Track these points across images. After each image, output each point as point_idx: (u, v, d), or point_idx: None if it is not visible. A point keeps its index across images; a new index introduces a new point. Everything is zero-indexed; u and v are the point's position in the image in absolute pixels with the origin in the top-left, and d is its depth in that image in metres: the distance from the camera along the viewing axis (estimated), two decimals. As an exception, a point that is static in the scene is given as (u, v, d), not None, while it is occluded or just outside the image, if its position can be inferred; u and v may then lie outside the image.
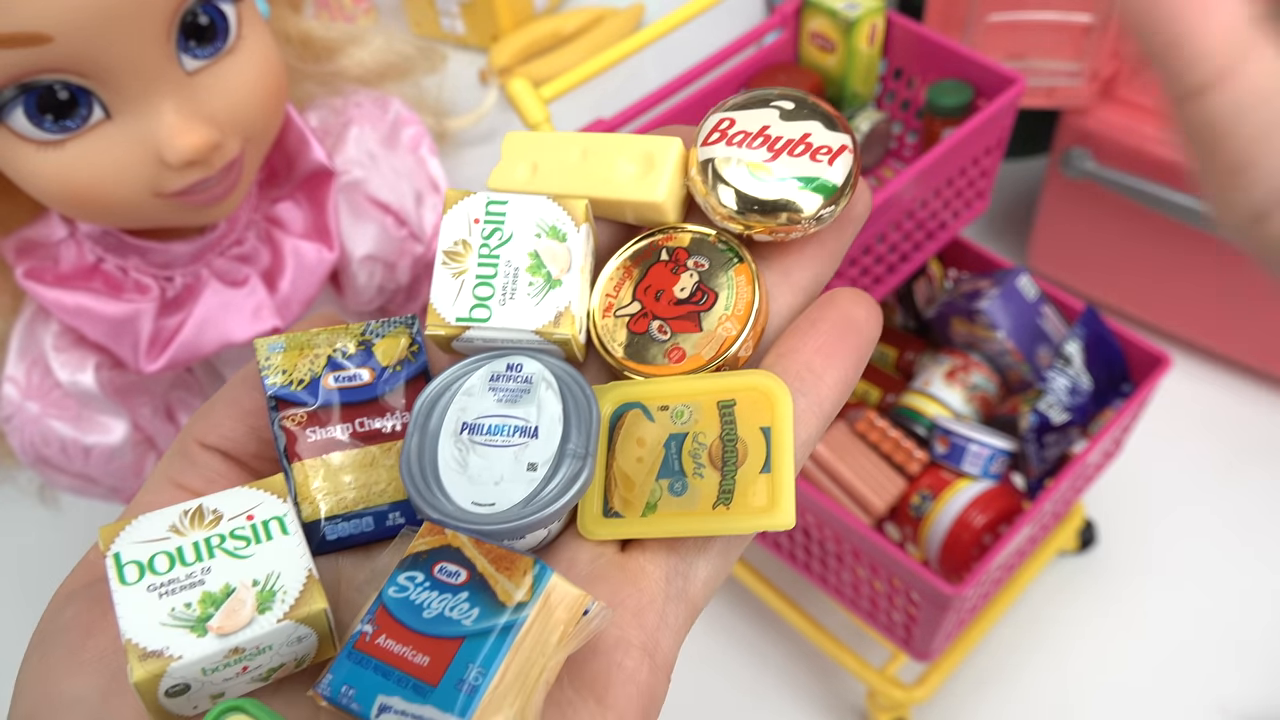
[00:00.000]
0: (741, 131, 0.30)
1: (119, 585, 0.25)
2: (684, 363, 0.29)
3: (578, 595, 0.24)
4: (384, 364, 0.30)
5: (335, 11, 0.94)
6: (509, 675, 0.23)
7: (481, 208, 0.29)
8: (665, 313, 0.29)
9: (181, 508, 0.26)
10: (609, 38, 0.94)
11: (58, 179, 0.52)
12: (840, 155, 0.29)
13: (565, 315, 0.28)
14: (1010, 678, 0.91)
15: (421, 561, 0.25)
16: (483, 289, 0.29)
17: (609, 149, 0.30)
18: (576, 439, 0.27)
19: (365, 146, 0.68)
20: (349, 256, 0.66)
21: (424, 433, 0.28)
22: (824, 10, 0.83)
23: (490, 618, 0.24)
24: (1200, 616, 0.93)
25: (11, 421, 0.62)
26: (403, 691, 0.23)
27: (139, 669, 0.23)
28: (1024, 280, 0.89)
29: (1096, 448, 0.79)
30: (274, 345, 0.29)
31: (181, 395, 0.68)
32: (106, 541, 0.26)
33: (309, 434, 0.29)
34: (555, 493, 0.27)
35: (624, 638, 0.26)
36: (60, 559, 1.07)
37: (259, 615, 0.25)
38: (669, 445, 0.28)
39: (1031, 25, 0.92)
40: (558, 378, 0.28)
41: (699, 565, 0.27)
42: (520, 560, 0.25)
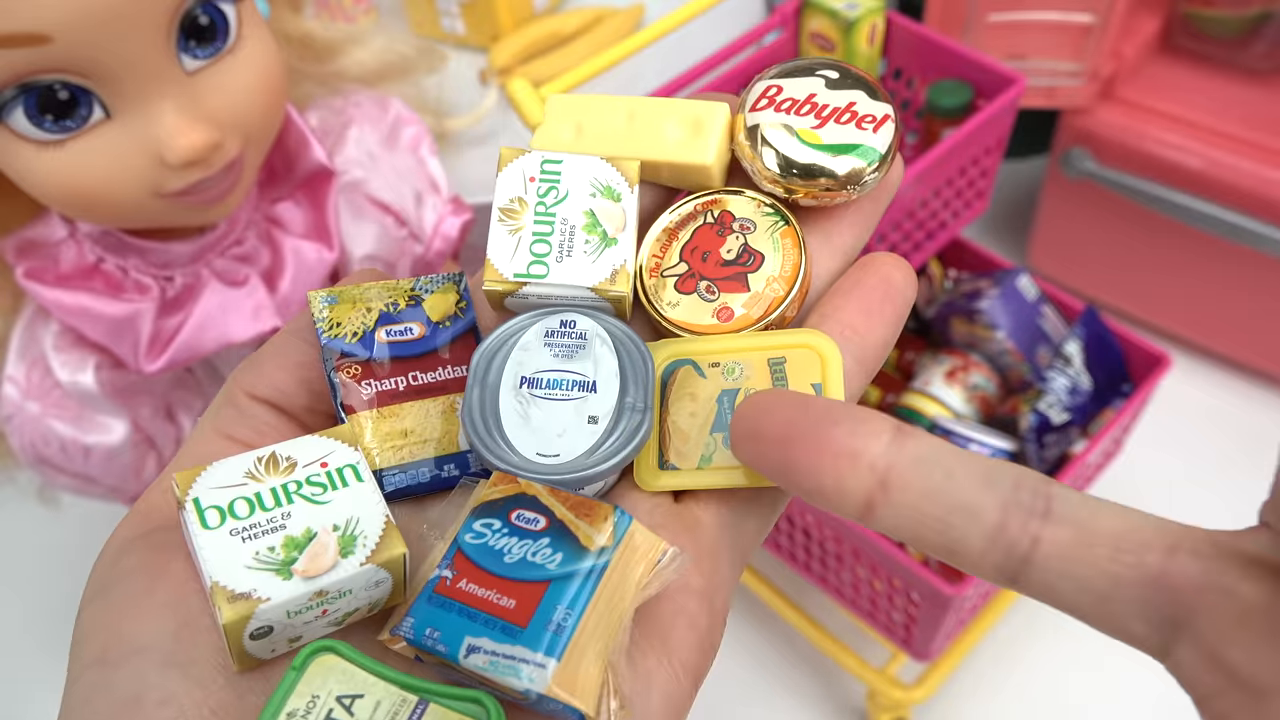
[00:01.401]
0: (789, 99, 0.30)
1: (201, 529, 0.25)
2: (732, 322, 0.30)
3: (655, 541, 0.25)
4: (434, 319, 0.31)
5: (335, 11, 0.94)
6: (594, 616, 0.24)
7: (536, 166, 0.30)
8: (712, 273, 0.30)
9: (255, 454, 0.27)
10: (609, 38, 0.94)
11: (58, 179, 0.52)
12: (883, 124, 0.30)
13: (620, 273, 0.29)
14: (1010, 678, 0.91)
15: (497, 509, 0.26)
16: (540, 246, 0.29)
17: (656, 112, 0.31)
18: (634, 393, 0.28)
19: (365, 146, 0.68)
20: (349, 256, 0.66)
21: (484, 386, 0.28)
22: (824, 10, 0.83)
23: (575, 561, 0.25)
24: (1200, 616, 0.93)
25: (12, 421, 0.62)
26: (491, 633, 0.24)
27: (228, 610, 0.24)
28: (1024, 280, 0.89)
29: (1096, 448, 0.79)
30: (327, 298, 0.30)
31: (181, 395, 0.68)
32: (184, 487, 0.26)
33: (363, 386, 0.29)
34: (618, 444, 0.27)
35: (686, 584, 0.26)
36: (60, 559, 1.08)
37: (342, 559, 0.25)
38: (721, 400, 0.29)
39: (1031, 25, 0.92)
40: (611, 334, 0.29)
41: (750, 516, 0.28)
42: (600, 507, 0.25)
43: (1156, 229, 0.99)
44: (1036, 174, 1.09)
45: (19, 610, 1.02)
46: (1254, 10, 0.93)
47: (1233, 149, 0.92)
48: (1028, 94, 0.92)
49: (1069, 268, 1.09)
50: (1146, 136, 0.95)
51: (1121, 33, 0.94)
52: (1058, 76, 0.95)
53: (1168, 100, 0.96)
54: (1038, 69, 0.94)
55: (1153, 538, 0.21)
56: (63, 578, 1.04)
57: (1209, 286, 1.01)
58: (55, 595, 1.03)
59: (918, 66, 0.85)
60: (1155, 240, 1.00)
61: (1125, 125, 0.95)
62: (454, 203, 0.72)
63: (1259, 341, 1.03)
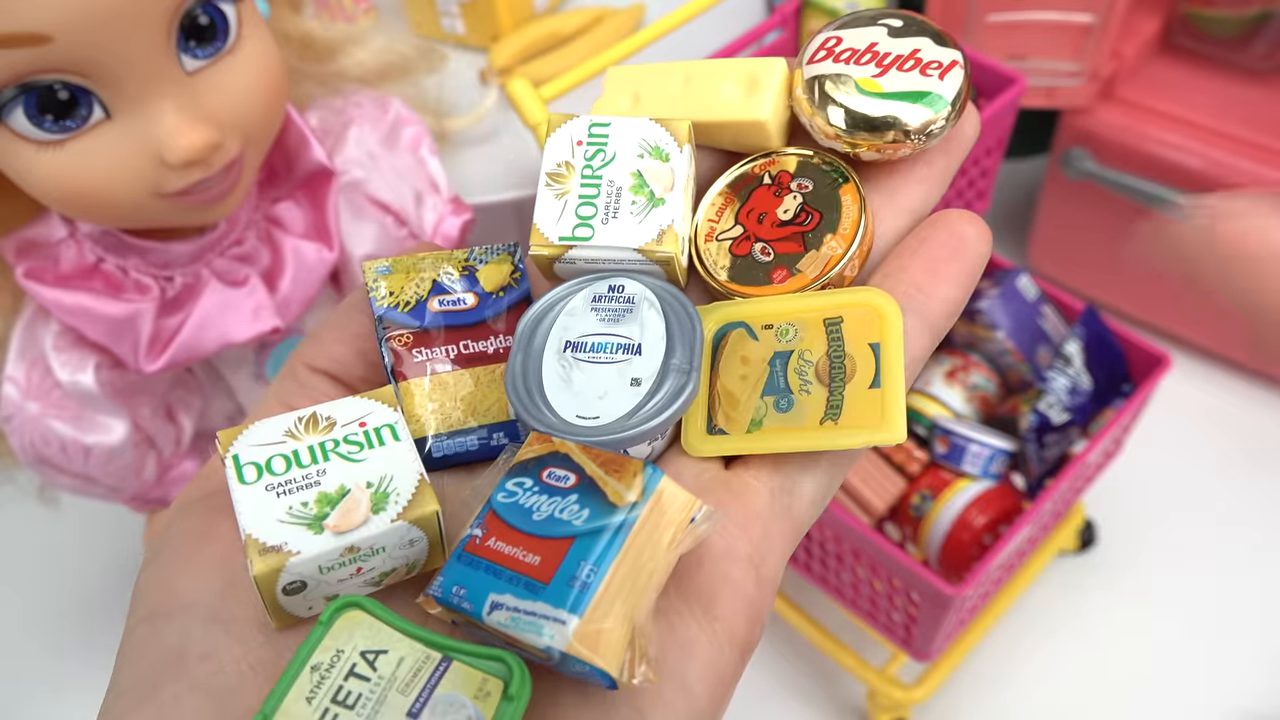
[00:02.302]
0: (849, 49, 0.29)
1: (238, 484, 0.25)
2: (788, 282, 0.28)
3: (687, 498, 0.24)
4: (488, 290, 0.30)
5: (335, 11, 0.94)
6: (620, 574, 0.23)
7: (584, 130, 0.29)
8: (768, 235, 0.29)
9: (296, 414, 0.27)
10: (609, 38, 0.94)
11: (58, 179, 0.52)
12: (951, 70, 0.28)
13: (668, 233, 0.28)
14: (1010, 678, 0.91)
15: (530, 468, 0.25)
16: (585, 208, 0.29)
17: (712, 73, 0.30)
18: (681, 354, 0.27)
19: (365, 146, 0.68)
20: (349, 256, 0.66)
21: (527, 351, 0.28)
22: (824, 10, 0.83)
23: (601, 517, 0.24)
24: (1200, 615, 0.93)
25: (11, 421, 0.62)
26: (514, 589, 0.23)
27: (259, 563, 0.24)
28: (1024, 280, 0.89)
29: (1096, 448, 0.79)
30: (381, 268, 0.30)
31: (181, 395, 0.68)
32: (225, 444, 0.26)
33: (415, 354, 0.29)
34: (660, 406, 0.27)
35: (731, 548, 0.25)
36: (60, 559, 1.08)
37: (373, 515, 0.25)
38: (774, 363, 0.28)
39: (1031, 25, 0.92)
40: (659, 297, 0.28)
41: (804, 482, 0.27)
42: (630, 463, 0.25)
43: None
44: (1036, 174, 1.09)
45: (19, 610, 1.02)
46: (1254, 10, 0.93)
47: (1233, 149, 0.92)
48: (1028, 94, 0.91)
49: (1069, 268, 1.09)
50: (1146, 136, 0.95)
51: (1121, 33, 0.94)
52: (1058, 76, 0.95)
53: (1168, 100, 0.96)
54: (1038, 69, 0.94)
55: None
56: (63, 578, 1.04)
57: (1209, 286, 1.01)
58: (55, 595, 1.03)
59: (918, 66, 0.85)
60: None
61: (1125, 125, 0.95)
62: (454, 203, 0.71)
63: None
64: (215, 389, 0.70)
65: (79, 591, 1.03)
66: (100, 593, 1.03)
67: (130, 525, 0.99)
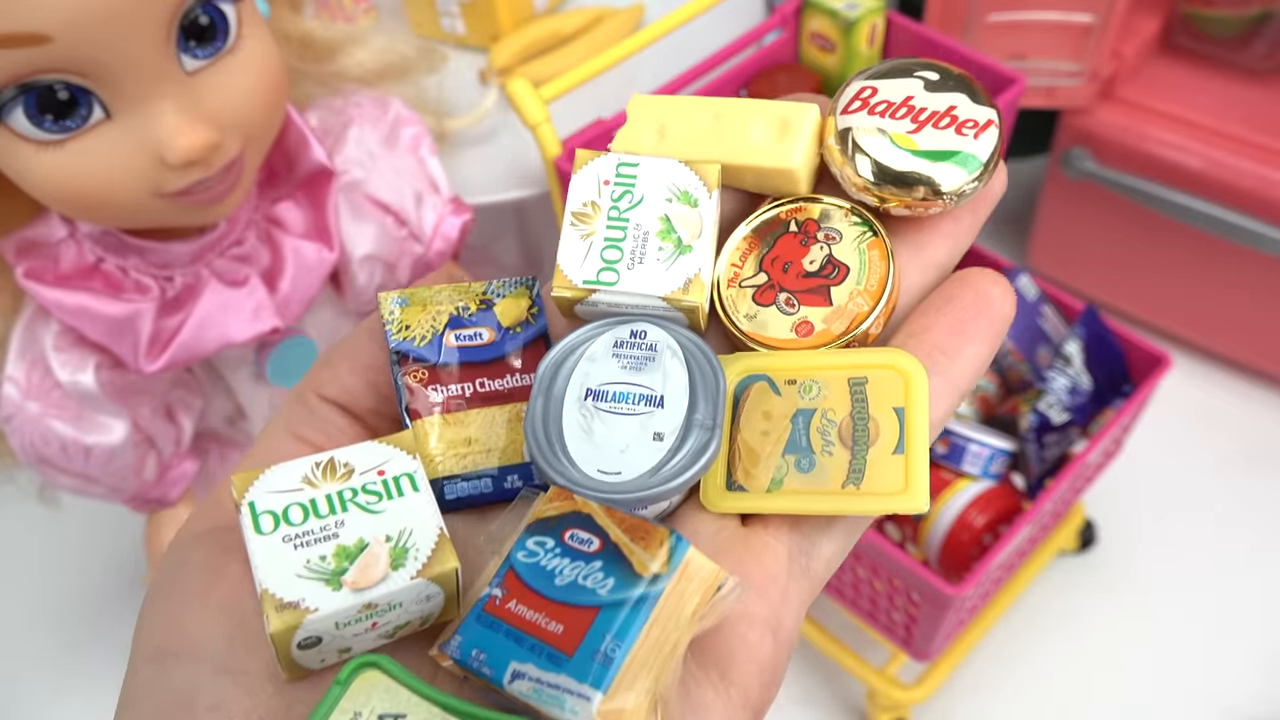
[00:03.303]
0: (885, 101, 0.28)
1: (254, 535, 0.25)
2: (812, 337, 0.28)
3: (713, 570, 0.24)
4: (504, 324, 0.30)
5: (335, 11, 0.94)
6: (644, 648, 0.23)
7: (612, 169, 0.29)
8: (793, 285, 0.29)
9: (313, 459, 0.26)
10: (609, 38, 0.94)
11: (58, 179, 0.52)
12: (986, 129, 0.28)
13: (695, 282, 0.28)
14: (1010, 678, 0.91)
15: (551, 527, 0.25)
16: (611, 252, 0.28)
17: (742, 113, 0.29)
18: (704, 409, 0.27)
19: (365, 146, 0.68)
20: (349, 256, 0.66)
21: (548, 397, 0.27)
22: (824, 10, 0.83)
23: (626, 588, 0.23)
24: (1200, 615, 0.93)
25: (12, 421, 0.62)
26: (536, 659, 0.23)
27: (276, 620, 0.23)
28: (1024, 280, 0.89)
29: (1096, 448, 0.79)
30: (398, 300, 0.29)
31: (181, 395, 0.68)
32: (241, 490, 0.25)
33: (430, 391, 0.28)
34: (683, 464, 0.26)
35: (748, 612, 0.25)
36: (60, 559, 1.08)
37: (392, 572, 0.24)
38: (796, 420, 0.27)
39: (1031, 25, 0.92)
40: (682, 346, 0.28)
41: (822, 544, 0.27)
42: (655, 531, 0.24)
43: (1156, 229, 0.99)
44: (1036, 174, 1.09)
45: (20, 610, 1.02)
46: (1254, 10, 0.93)
47: (1233, 149, 0.92)
48: (1028, 94, 0.92)
49: (1069, 268, 1.09)
50: (1146, 136, 0.95)
51: (1121, 33, 0.94)
52: (1058, 76, 0.95)
53: (1168, 100, 0.96)
54: (1038, 69, 0.94)
55: None
56: (63, 578, 1.04)
57: (1209, 286, 1.01)
58: (56, 595, 1.03)
59: (918, 66, 0.85)
60: (1155, 240, 1.00)
61: (1125, 125, 0.95)
62: (454, 203, 0.71)
63: (1259, 341, 1.03)
64: (215, 389, 0.70)
65: (79, 592, 1.03)
66: (100, 593, 1.03)
67: (130, 525, 0.99)
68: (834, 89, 0.87)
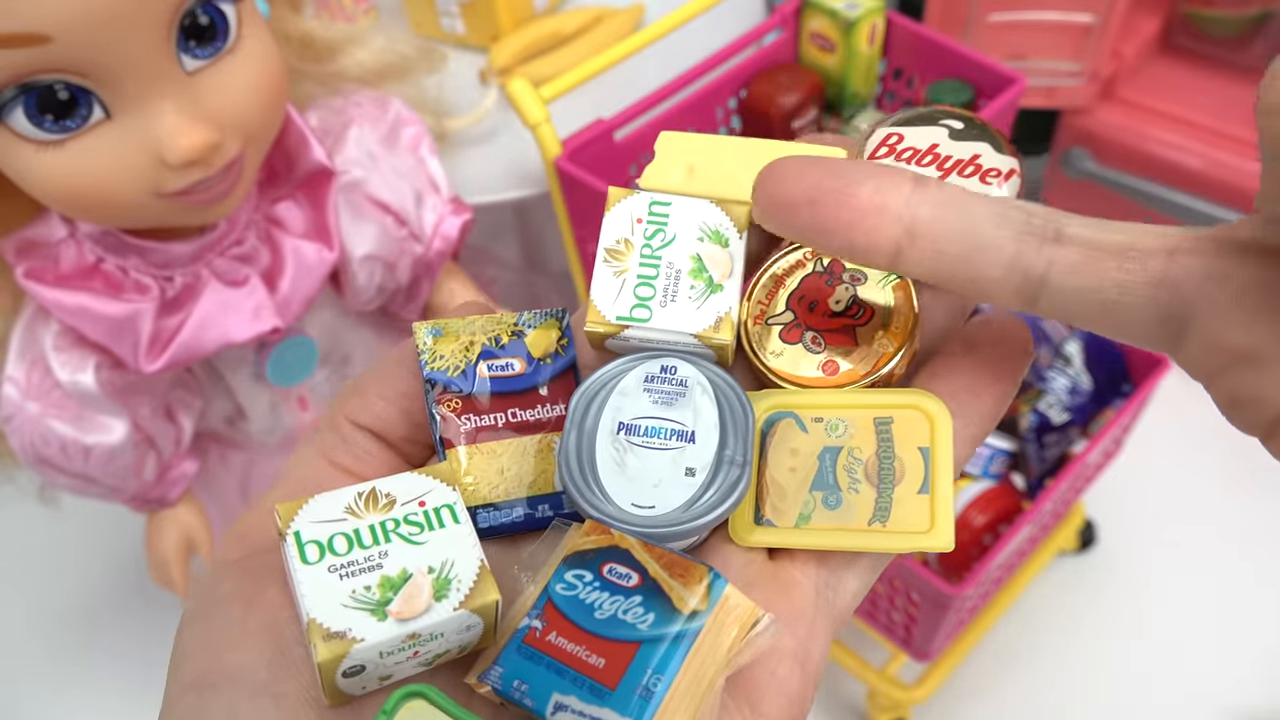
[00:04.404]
0: (910, 148, 0.29)
1: (301, 564, 0.25)
2: (838, 376, 0.29)
3: (750, 608, 0.25)
4: (535, 355, 0.30)
5: (335, 11, 0.94)
6: (684, 682, 0.24)
7: (645, 207, 0.30)
8: (819, 324, 0.29)
9: (355, 490, 0.27)
10: (609, 38, 0.94)
11: (58, 179, 0.52)
12: (1010, 179, 0.29)
13: (725, 320, 0.28)
14: (1010, 678, 0.91)
15: (588, 560, 0.26)
16: (644, 289, 0.29)
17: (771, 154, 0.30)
18: (734, 446, 0.27)
19: (365, 146, 0.68)
20: (349, 256, 0.66)
21: (581, 430, 0.28)
22: (824, 10, 0.83)
23: (666, 624, 0.24)
24: (1200, 615, 0.93)
25: (11, 421, 0.62)
26: (579, 691, 0.24)
27: (323, 649, 0.24)
28: (1024, 280, 0.89)
29: (1096, 448, 0.79)
30: (432, 330, 0.30)
31: (181, 395, 0.68)
32: (285, 519, 0.26)
33: (463, 421, 0.29)
34: (715, 500, 0.27)
35: (778, 646, 0.26)
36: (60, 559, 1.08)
37: (435, 603, 0.25)
38: (823, 458, 0.28)
39: (1031, 25, 0.92)
40: (712, 382, 0.28)
41: (848, 579, 0.28)
42: (694, 568, 0.25)
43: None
44: (1036, 174, 1.09)
45: (20, 610, 1.02)
46: (1254, 10, 0.93)
47: (1233, 149, 0.92)
48: (1028, 94, 0.91)
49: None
50: (1146, 136, 0.95)
51: (1121, 33, 0.94)
52: (1058, 76, 0.95)
53: (1168, 100, 0.96)
54: (1038, 69, 0.94)
55: (1154, 244, 0.22)
56: (63, 578, 1.04)
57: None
58: (57, 595, 1.03)
59: (918, 66, 0.85)
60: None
61: (1125, 125, 0.95)
62: (454, 203, 0.72)
63: (1259, 341, 1.03)
64: (215, 389, 0.70)
65: (79, 592, 1.03)
66: (101, 593, 1.03)
67: (130, 525, 0.99)
68: (834, 89, 0.87)
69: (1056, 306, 0.23)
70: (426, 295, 0.73)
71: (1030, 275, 0.23)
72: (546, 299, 1.04)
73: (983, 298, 0.24)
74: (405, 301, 0.74)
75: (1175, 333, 0.22)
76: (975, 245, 0.23)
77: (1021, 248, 0.23)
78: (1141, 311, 0.22)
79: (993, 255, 0.23)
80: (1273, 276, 0.21)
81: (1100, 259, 0.22)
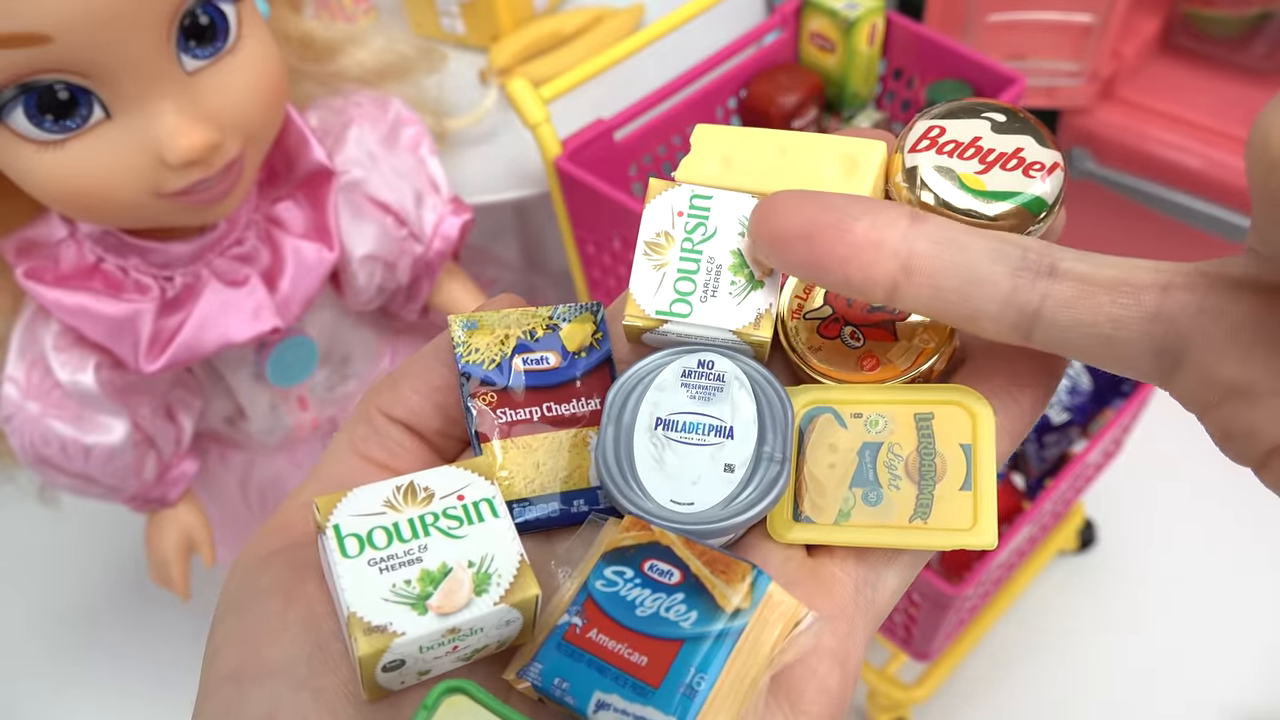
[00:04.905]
0: (953, 141, 0.29)
1: (340, 558, 0.25)
2: (877, 371, 0.29)
3: (794, 605, 0.24)
4: (570, 349, 0.30)
5: (335, 11, 0.94)
6: (728, 681, 0.23)
7: (685, 201, 0.29)
8: (858, 319, 0.29)
9: (394, 483, 0.26)
10: (609, 38, 0.94)
11: (58, 179, 0.52)
12: (1053, 172, 0.28)
13: (765, 317, 0.28)
14: (1010, 678, 0.91)
15: (628, 556, 0.25)
16: (684, 284, 0.28)
17: (809, 148, 0.29)
18: (773, 442, 0.27)
19: (365, 146, 0.68)
20: (349, 256, 0.66)
21: (619, 425, 0.28)
22: (824, 10, 0.83)
23: (709, 622, 0.24)
24: (1200, 615, 0.93)
25: (12, 421, 0.62)
26: (621, 690, 0.23)
27: (364, 643, 0.24)
28: (1024, 280, 0.89)
29: (1096, 448, 0.79)
30: (466, 323, 0.30)
31: (181, 395, 0.68)
32: (325, 513, 0.26)
33: (498, 414, 0.29)
34: (754, 496, 0.27)
35: (819, 644, 0.26)
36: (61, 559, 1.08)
37: (476, 597, 0.25)
38: (863, 454, 0.28)
39: (1031, 25, 0.92)
40: (750, 377, 0.28)
41: (887, 577, 0.27)
42: (737, 565, 0.25)
43: (1156, 229, 0.99)
44: (1036, 174, 1.09)
45: (20, 610, 1.02)
46: (1254, 10, 0.93)
47: (1233, 149, 0.92)
48: (1028, 94, 0.92)
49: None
50: (1146, 136, 0.95)
51: (1121, 33, 0.94)
52: (1058, 76, 0.95)
53: (1168, 100, 0.96)
54: (1038, 69, 0.94)
55: (1148, 279, 0.22)
56: (63, 578, 1.04)
57: (1209, 286, 1.01)
58: (57, 595, 1.03)
59: (918, 66, 0.85)
60: (1155, 240, 1.00)
61: (1125, 125, 0.95)
62: (454, 203, 0.72)
63: (1259, 341, 1.03)
64: (215, 389, 0.70)
65: (79, 592, 1.03)
66: (101, 593, 1.03)
67: (130, 525, 0.99)
68: (834, 89, 0.87)
69: (1051, 340, 0.23)
70: (426, 295, 0.73)
71: (1025, 310, 0.23)
72: (546, 299, 1.04)
73: (978, 332, 0.24)
74: (405, 301, 0.74)
75: (1169, 366, 0.22)
76: (971, 280, 0.23)
77: (1017, 283, 0.23)
78: (1136, 345, 0.22)
79: (989, 291, 0.23)
80: (1266, 312, 0.21)
81: (1094, 293, 0.23)
